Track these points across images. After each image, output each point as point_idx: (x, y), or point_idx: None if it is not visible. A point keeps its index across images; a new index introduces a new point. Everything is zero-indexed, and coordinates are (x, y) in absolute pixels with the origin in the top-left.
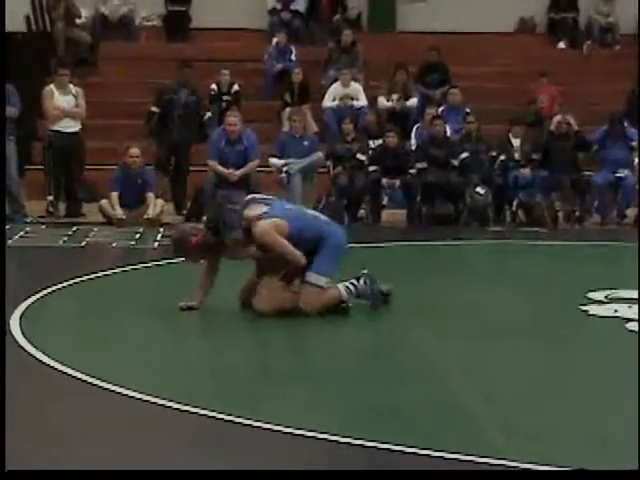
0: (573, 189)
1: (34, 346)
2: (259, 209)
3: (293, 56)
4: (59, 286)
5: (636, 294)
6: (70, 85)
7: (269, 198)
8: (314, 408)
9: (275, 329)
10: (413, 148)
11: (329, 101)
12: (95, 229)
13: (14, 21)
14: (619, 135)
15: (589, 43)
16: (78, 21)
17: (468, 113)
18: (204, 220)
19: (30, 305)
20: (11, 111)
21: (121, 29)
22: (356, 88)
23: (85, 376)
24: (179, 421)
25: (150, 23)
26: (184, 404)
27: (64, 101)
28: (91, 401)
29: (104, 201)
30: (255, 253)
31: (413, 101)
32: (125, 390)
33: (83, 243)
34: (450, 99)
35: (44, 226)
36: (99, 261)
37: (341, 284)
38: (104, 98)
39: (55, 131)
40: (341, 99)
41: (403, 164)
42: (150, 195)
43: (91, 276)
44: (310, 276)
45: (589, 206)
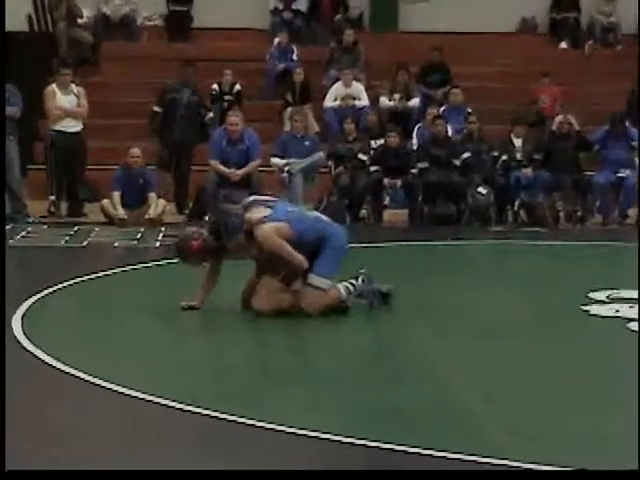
0: (575, 189)
1: (35, 346)
2: (261, 212)
3: (295, 56)
4: (61, 286)
5: (637, 294)
6: (72, 85)
7: (271, 200)
8: (316, 408)
9: (276, 329)
10: (415, 148)
11: (330, 101)
12: (97, 229)
13: (16, 21)
14: (620, 135)
15: (591, 43)
16: (80, 21)
17: (470, 113)
18: (206, 224)
19: (32, 305)
20: (13, 111)
21: (123, 29)
22: (358, 88)
23: (86, 376)
24: (181, 421)
25: (152, 23)
26: (186, 404)
27: (66, 101)
28: (92, 401)
29: (106, 201)
30: (256, 254)
31: (415, 101)
32: (126, 390)
33: (85, 243)
34: (452, 99)
35: (46, 226)
36: (101, 261)
37: (340, 284)
38: (106, 98)
39: (57, 131)
40: (343, 99)
41: (405, 164)
42: (152, 195)
43: (93, 276)
44: (312, 278)
45: (591, 206)
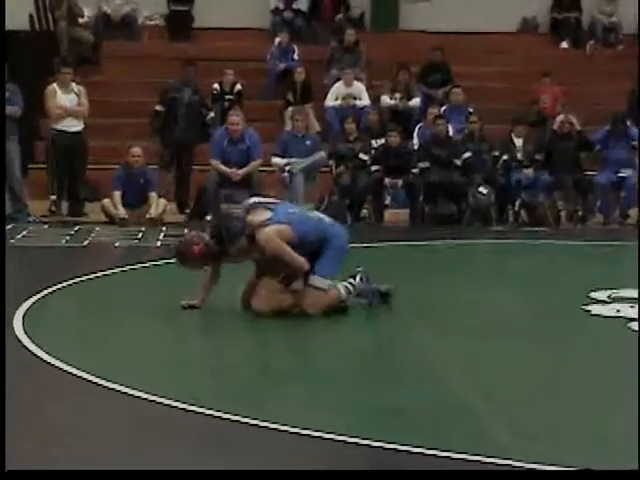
0: (576, 189)
1: (36, 345)
2: (263, 215)
3: (295, 55)
4: (61, 285)
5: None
6: (73, 84)
7: (272, 202)
8: (319, 408)
9: (276, 329)
10: (415, 148)
11: (331, 100)
12: (97, 228)
13: (17, 20)
14: (621, 135)
15: (592, 43)
16: (81, 20)
17: (470, 113)
18: (207, 226)
19: (33, 304)
20: (13, 110)
21: (124, 28)
22: (359, 87)
23: (88, 375)
24: (184, 421)
25: (153, 22)
26: (189, 404)
27: (67, 100)
28: (93, 400)
29: (106, 200)
30: (256, 256)
31: (416, 101)
32: (128, 389)
33: (85, 242)
34: (452, 99)
35: (47, 225)
36: (101, 261)
37: (340, 284)
38: (107, 97)
39: (58, 130)
40: (344, 98)
41: (406, 164)
42: (152, 194)
43: (93, 275)
44: (314, 279)
45: (592, 206)
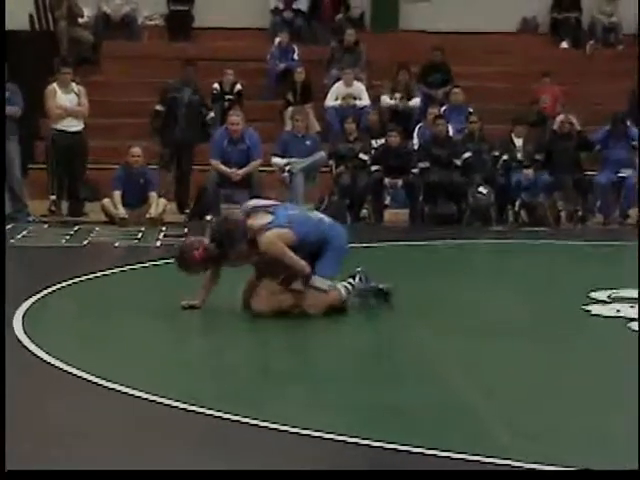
0: (575, 189)
1: (36, 345)
2: (264, 219)
3: (295, 55)
4: (61, 285)
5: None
6: (72, 84)
7: (272, 205)
8: (319, 408)
9: (277, 329)
10: (415, 148)
11: (331, 100)
12: (97, 228)
13: (17, 20)
14: (622, 135)
15: (592, 43)
16: (81, 20)
17: (470, 113)
18: (208, 227)
19: (33, 304)
20: (13, 110)
21: (123, 28)
22: (359, 87)
23: (88, 375)
24: (184, 421)
25: (152, 22)
26: (190, 404)
27: (67, 100)
28: (93, 400)
29: (106, 200)
30: (256, 260)
31: (416, 101)
32: (128, 389)
33: (85, 242)
34: (452, 99)
35: (46, 225)
36: (101, 260)
37: (340, 284)
38: (106, 97)
39: (58, 130)
40: (343, 98)
41: (405, 164)
42: (152, 194)
43: (93, 275)
44: (314, 280)
45: (591, 206)
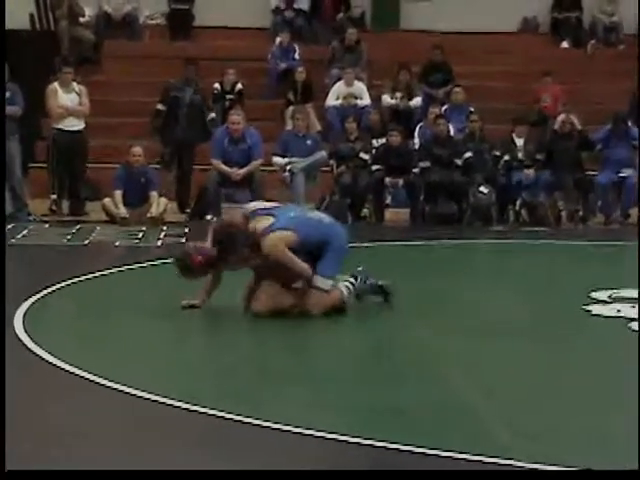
0: (576, 189)
1: (37, 344)
2: (265, 222)
3: (296, 55)
4: (62, 285)
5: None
6: (74, 83)
7: (272, 207)
8: (321, 408)
9: (278, 329)
10: (416, 147)
11: (332, 100)
12: (98, 228)
13: (18, 19)
14: (622, 135)
15: (593, 42)
16: (82, 20)
17: (471, 112)
18: (208, 234)
19: (33, 303)
20: (14, 109)
21: (125, 27)
22: (359, 87)
23: (88, 375)
24: (185, 421)
25: (154, 22)
26: (192, 404)
27: (68, 99)
28: (94, 400)
29: (107, 200)
30: (255, 263)
31: (416, 100)
32: (128, 389)
33: (86, 242)
34: (453, 98)
35: (47, 225)
36: (102, 260)
37: (341, 284)
38: (107, 97)
39: (59, 129)
40: (344, 98)
41: (406, 163)
42: (153, 194)
43: (94, 275)
44: (316, 280)
45: (592, 206)
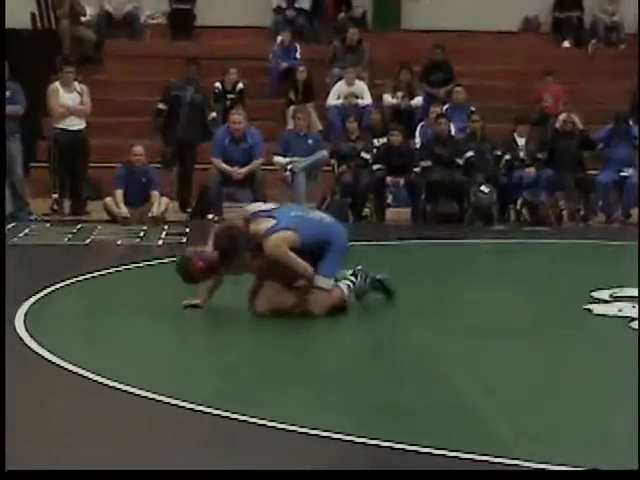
0: (578, 188)
1: (38, 343)
2: (267, 223)
3: (298, 54)
4: (63, 284)
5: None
6: (75, 83)
7: (272, 209)
8: (327, 408)
9: (280, 329)
10: (417, 146)
11: (333, 99)
12: (99, 227)
13: (20, 18)
14: (624, 134)
15: (594, 42)
16: (83, 19)
17: (473, 112)
18: (210, 241)
19: (35, 303)
20: (15, 109)
21: (126, 27)
22: (361, 86)
23: (90, 374)
24: (188, 421)
25: (155, 21)
26: (197, 404)
27: (69, 98)
28: (95, 399)
29: (108, 199)
30: (258, 267)
31: (418, 99)
32: (130, 388)
33: (87, 241)
34: (454, 97)
35: (49, 224)
36: (103, 259)
37: (341, 283)
38: (109, 96)
39: (60, 129)
40: (345, 97)
41: (407, 162)
42: (154, 193)
43: (95, 274)
44: (317, 280)
45: (594, 205)
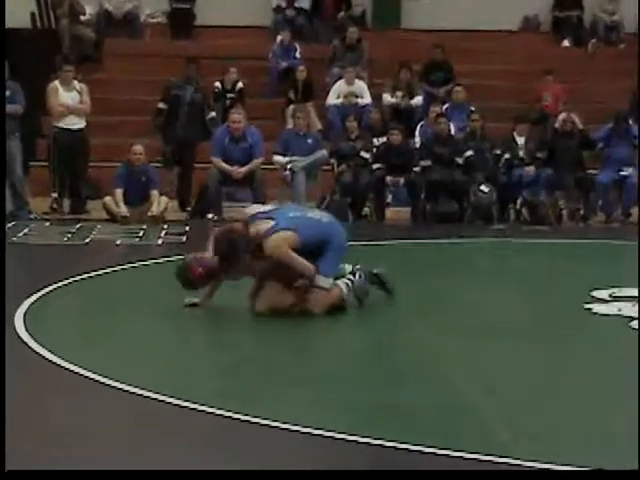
0: (577, 187)
1: (38, 342)
2: (266, 225)
3: (297, 54)
4: (63, 283)
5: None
6: (75, 82)
7: (271, 210)
8: (326, 407)
9: (279, 328)
10: (417, 146)
11: (333, 99)
12: (99, 226)
13: (19, 18)
14: (624, 133)
15: (594, 41)
16: (83, 18)
17: (472, 111)
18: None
19: (34, 302)
20: (15, 108)
21: (126, 26)
22: (360, 86)
23: (90, 373)
24: (188, 420)
25: (155, 20)
26: (200, 403)
27: (69, 97)
28: (95, 399)
29: (108, 198)
30: (255, 269)
31: (417, 99)
32: (130, 388)
33: (87, 240)
34: (454, 97)
35: (48, 223)
36: (103, 258)
37: (340, 282)
38: (108, 95)
39: (60, 128)
40: (345, 97)
41: (407, 162)
42: (154, 192)
43: (95, 273)
44: (317, 279)
45: (593, 204)
